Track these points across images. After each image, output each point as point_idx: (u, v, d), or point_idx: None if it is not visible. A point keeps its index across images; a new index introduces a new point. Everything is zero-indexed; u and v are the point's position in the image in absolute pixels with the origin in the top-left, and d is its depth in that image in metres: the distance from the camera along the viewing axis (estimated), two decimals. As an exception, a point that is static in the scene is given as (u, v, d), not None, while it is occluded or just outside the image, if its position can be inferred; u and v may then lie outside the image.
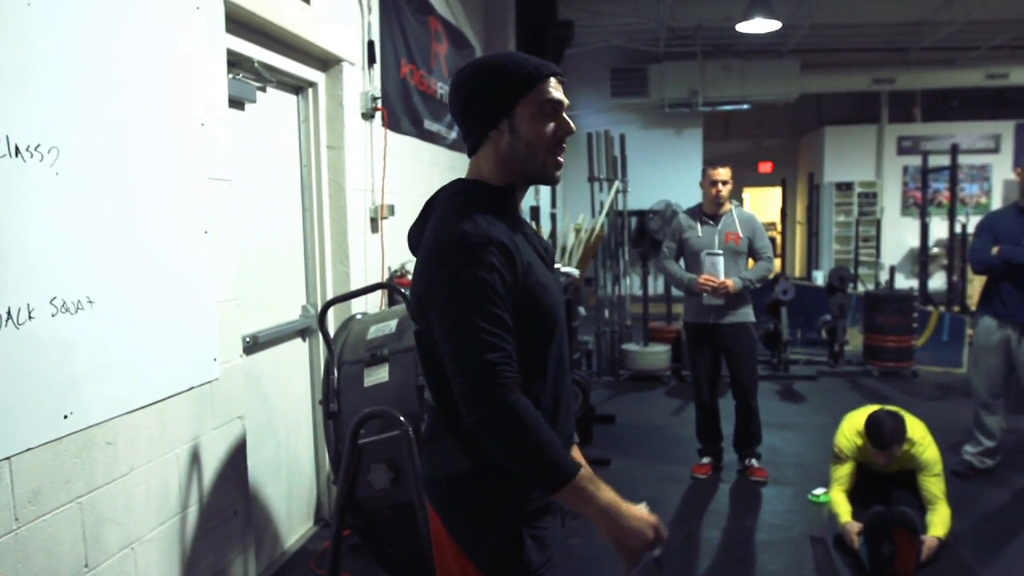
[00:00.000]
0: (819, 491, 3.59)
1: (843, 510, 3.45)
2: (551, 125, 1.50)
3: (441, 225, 1.46)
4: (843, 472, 3.54)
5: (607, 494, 1.42)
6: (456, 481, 1.52)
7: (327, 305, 2.70)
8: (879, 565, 3.21)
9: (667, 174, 11.11)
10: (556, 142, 1.52)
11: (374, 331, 2.52)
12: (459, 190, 1.53)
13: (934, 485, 3.40)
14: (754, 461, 4.42)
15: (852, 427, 3.55)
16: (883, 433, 3.31)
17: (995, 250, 4.10)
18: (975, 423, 4.35)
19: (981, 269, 4.24)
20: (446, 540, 1.56)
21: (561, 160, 1.55)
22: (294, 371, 3.50)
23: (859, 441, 3.49)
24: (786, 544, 3.56)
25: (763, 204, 15.39)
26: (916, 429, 3.46)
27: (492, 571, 1.52)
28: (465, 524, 1.53)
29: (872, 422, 3.36)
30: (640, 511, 1.45)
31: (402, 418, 2.17)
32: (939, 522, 3.34)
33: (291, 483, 3.45)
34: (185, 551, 2.39)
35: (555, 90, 1.51)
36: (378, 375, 2.37)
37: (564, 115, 1.53)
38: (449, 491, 1.54)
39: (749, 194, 16.70)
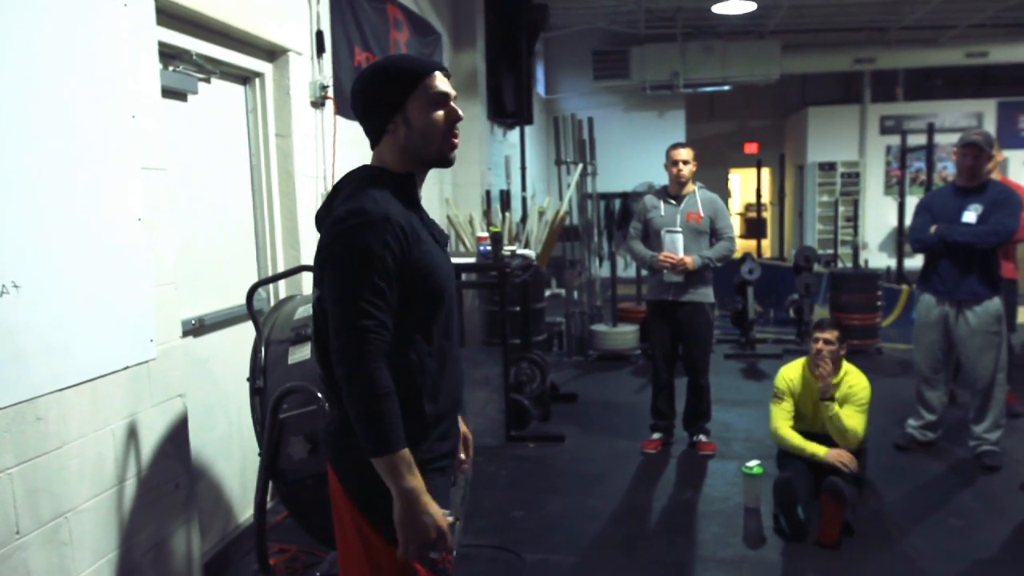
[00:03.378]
0: (753, 463, 3.74)
1: (802, 442, 3.67)
2: (440, 113, 1.68)
3: (346, 203, 1.61)
4: (784, 408, 3.77)
5: (414, 482, 1.56)
6: (339, 431, 1.68)
7: (254, 287, 2.82)
8: (797, 529, 3.36)
9: (650, 156, 11.09)
10: (448, 128, 1.69)
11: (301, 312, 2.66)
12: (364, 174, 1.69)
13: (855, 417, 3.62)
14: (702, 436, 4.56)
15: (790, 367, 3.85)
16: (825, 320, 3.80)
17: (932, 229, 4.21)
18: (917, 397, 4.49)
19: (920, 248, 4.35)
20: (337, 488, 1.72)
21: (456, 142, 1.73)
22: (245, 352, 3.61)
23: (793, 375, 3.77)
24: (721, 515, 3.70)
25: (749, 185, 15.45)
26: (854, 370, 3.75)
27: (376, 519, 1.65)
28: (350, 472, 1.68)
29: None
30: (436, 512, 1.59)
31: (319, 393, 2.30)
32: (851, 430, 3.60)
33: (244, 460, 3.59)
34: (123, 521, 2.53)
35: (441, 83, 1.69)
36: (301, 353, 2.51)
37: (452, 104, 1.71)
38: (335, 441, 1.70)
39: (738, 175, 16.81)
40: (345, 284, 1.55)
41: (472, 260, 4.77)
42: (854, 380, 3.70)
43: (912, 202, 10.77)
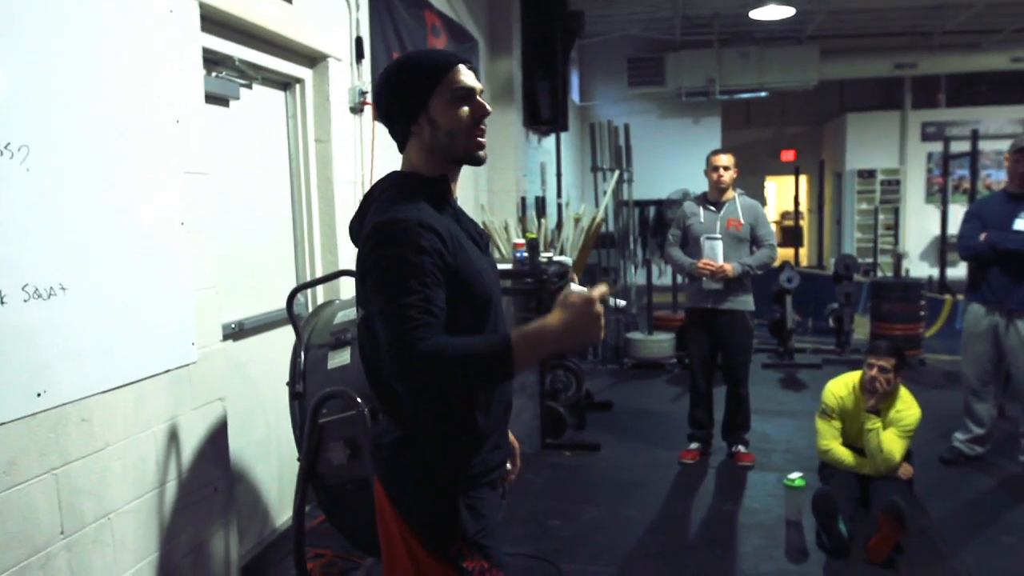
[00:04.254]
0: (795, 475, 3.65)
1: (855, 461, 3.61)
2: (465, 109, 1.59)
3: (376, 214, 1.55)
4: (834, 426, 3.68)
5: (544, 331, 1.43)
6: (391, 447, 1.63)
7: (294, 291, 2.82)
8: (839, 544, 3.27)
9: (685, 163, 11.09)
10: (474, 124, 1.60)
11: (340, 316, 2.65)
12: (394, 182, 1.63)
13: (895, 441, 3.52)
14: (741, 447, 4.48)
15: (839, 383, 3.73)
16: (881, 344, 3.63)
17: (982, 236, 4.09)
18: (965, 410, 4.36)
19: (968, 255, 4.24)
20: (386, 505, 1.66)
21: (483, 140, 1.64)
22: (284, 356, 3.63)
23: (843, 393, 3.65)
24: (762, 527, 3.62)
25: (787, 192, 15.25)
26: (908, 397, 3.62)
27: (427, 536, 1.61)
28: (402, 489, 1.63)
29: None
30: (573, 306, 1.43)
31: (359, 399, 2.29)
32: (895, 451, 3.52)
33: (281, 464, 3.60)
34: (163, 523, 2.55)
35: (465, 76, 1.59)
36: (341, 358, 2.50)
37: (479, 98, 1.61)
38: (386, 456, 1.65)
39: (775, 182, 16.60)
40: (388, 297, 1.46)
41: (508, 266, 4.74)
42: (904, 406, 3.58)
43: (955, 210, 10.65)
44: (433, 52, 1.63)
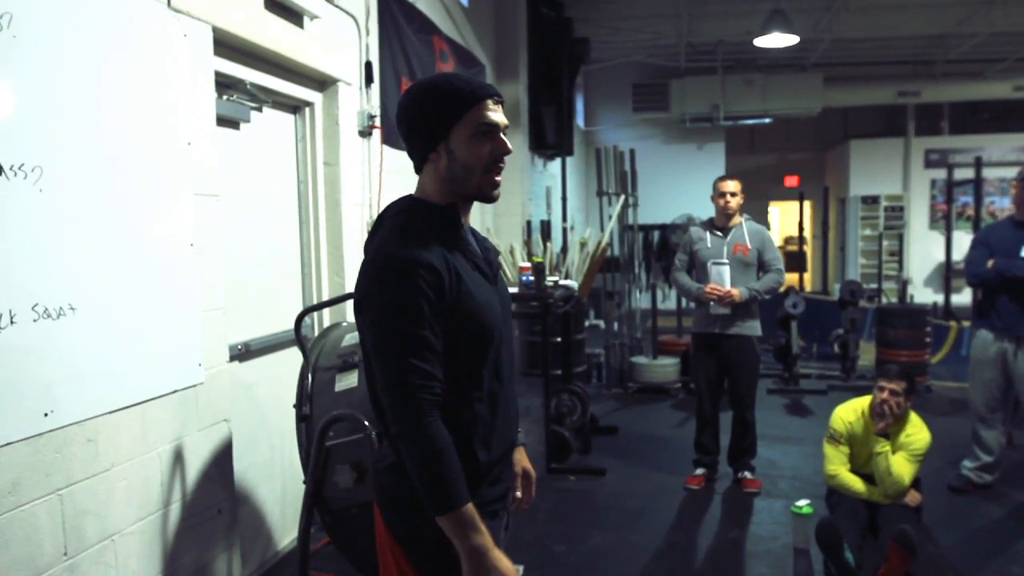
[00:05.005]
0: (802, 503, 3.62)
1: (864, 488, 3.55)
2: (487, 147, 1.56)
3: (379, 244, 1.55)
4: (843, 451, 3.63)
5: (480, 539, 1.49)
6: (389, 471, 1.62)
7: (302, 314, 2.83)
8: (844, 573, 3.22)
9: (689, 188, 11.15)
10: (492, 163, 1.57)
11: (348, 339, 2.65)
12: (402, 209, 1.61)
13: (904, 465, 3.47)
14: (747, 473, 4.44)
15: (847, 408, 3.68)
16: (892, 368, 3.59)
17: (990, 263, 4.09)
18: (973, 438, 4.32)
19: (976, 282, 4.23)
20: (383, 529, 1.65)
21: (498, 180, 1.61)
22: (289, 378, 3.62)
23: (852, 418, 3.61)
24: (769, 555, 3.58)
25: (790, 218, 15.28)
26: (918, 421, 3.59)
27: (423, 563, 1.60)
28: (398, 515, 1.62)
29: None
30: (506, 567, 1.51)
31: (366, 422, 2.28)
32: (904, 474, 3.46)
33: (285, 486, 3.58)
34: (167, 545, 2.53)
35: (492, 112, 1.56)
36: (348, 381, 2.49)
37: (502, 136, 1.58)
38: (385, 481, 1.63)
39: (778, 208, 16.64)
40: (386, 339, 1.48)
41: (514, 290, 4.75)
42: (914, 430, 3.54)
43: (959, 237, 10.65)
44: (464, 80, 1.58)
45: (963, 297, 10.82)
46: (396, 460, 1.60)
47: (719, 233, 4.42)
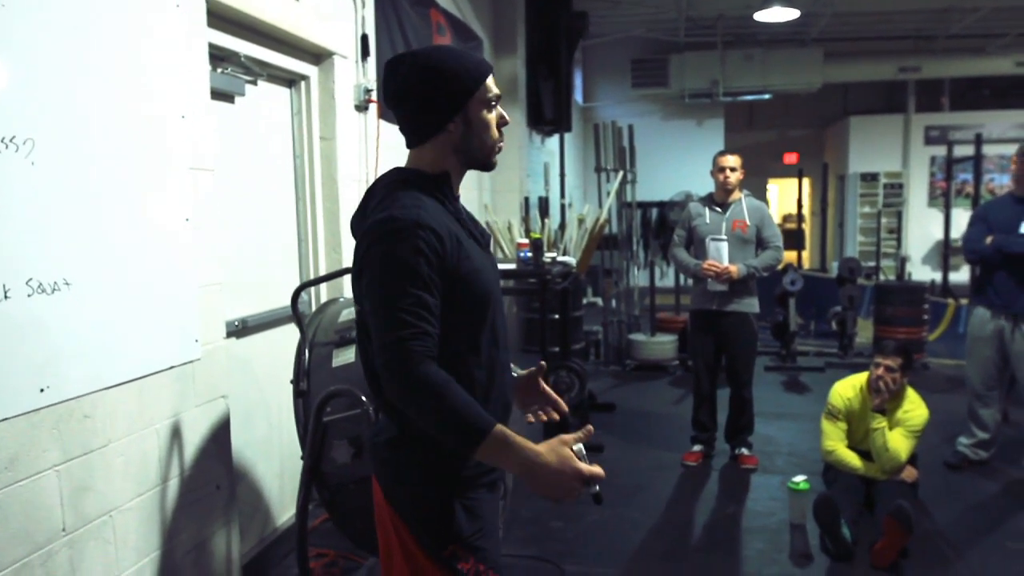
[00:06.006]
0: (799, 479, 3.63)
1: (860, 464, 3.58)
2: (493, 116, 1.66)
3: (377, 211, 1.56)
4: (840, 427, 3.66)
5: (522, 453, 1.45)
6: (387, 445, 1.63)
7: (299, 289, 2.81)
8: (842, 549, 3.25)
9: (688, 165, 11.08)
10: (498, 129, 1.67)
11: (345, 314, 2.64)
12: (396, 178, 1.63)
13: (901, 441, 3.49)
14: (744, 450, 4.46)
15: (846, 384, 3.71)
16: (888, 343, 3.64)
17: (988, 239, 4.08)
18: (969, 415, 4.34)
19: (974, 258, 4.23)
20: (383, 503, 1.66)
21: (503, 145, 1.70)
22: (287, 354, 3.61)
23: (850, 395, 3.63)
24: (765, 531, 3.61)
25: (787, 195, 15.24)
26: (915, 397, 3.61)
27: (423, 535, 1.60)
28: (398, 487, 1.63)
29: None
30: (562, 465, 1.46)
31: (363, 397, 2.28)
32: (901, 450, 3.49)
33: (283, 462, 3.58)
34: (165, 521, 2.53)
35: (494, 84, 1.66)
36: (345, 356, 2.48)
37: (499, 107, 1.69)
38: (383, 455, 1.64)
39: (777, 185, 16.58)
40: (382, 298, 1.48)
41: (512, 266, 4.73)
42: (911, 406, 3.56)
43: (958, 214, 10.62)
44: (468, 57, 1.65)
45: (961, 275, 10.81)
46: (396, 434, 1.61)
47: (718, 209, 4.40)
